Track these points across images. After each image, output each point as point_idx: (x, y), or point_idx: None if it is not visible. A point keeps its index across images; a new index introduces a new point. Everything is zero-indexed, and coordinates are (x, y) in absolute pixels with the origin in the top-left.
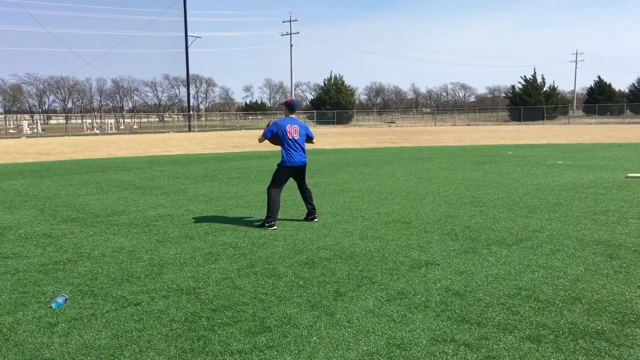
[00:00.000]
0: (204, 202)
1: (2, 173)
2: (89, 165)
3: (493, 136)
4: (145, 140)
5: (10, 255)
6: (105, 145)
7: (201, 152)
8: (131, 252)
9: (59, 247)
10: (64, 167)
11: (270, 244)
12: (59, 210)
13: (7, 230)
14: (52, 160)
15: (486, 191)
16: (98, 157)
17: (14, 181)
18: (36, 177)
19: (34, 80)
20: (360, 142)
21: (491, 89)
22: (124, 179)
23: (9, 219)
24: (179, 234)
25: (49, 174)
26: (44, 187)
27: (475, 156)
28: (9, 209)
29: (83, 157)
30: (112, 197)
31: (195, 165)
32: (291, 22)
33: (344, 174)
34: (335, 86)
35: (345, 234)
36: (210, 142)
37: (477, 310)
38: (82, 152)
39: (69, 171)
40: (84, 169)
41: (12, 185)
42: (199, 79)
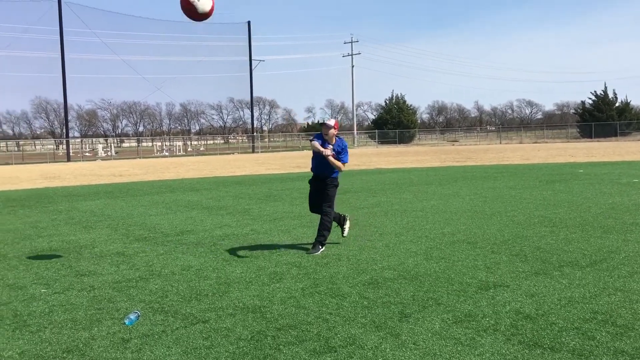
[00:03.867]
0: (268, 221)
1: (79, 194)
2: (158, 186)
3: (562, 154)
4: (211, 161)
5: (86, 272)
6: (174, 167)
7: (264, 172)
8: (199, 271)
9: (131, 265)
10: (135, 188)
11: (333, 264)
12: (131, 229)
13: (84, 248)
14: (124, 182)
15: (556, 211)
16: (167, 179)
17: (90, 202)
18: (110, 198)
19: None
20: (423, 161)
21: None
22: (192, 199)
23: (85, 238)
24: (244, 253)
25: (122, 194)
26: (118, 208)
27: (544, 174)
28: (85, 229)
29: (153, 178)
30: (181, 217)
31: (259, 185)
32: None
33: (407, 194)
34: (397, 105)
35: (409, 254)
36: (273, 162)
37: (550, 334)
38: (153, 173)
39: (140, 192)
40: (154, 190)
41: (88, 205)
42: (262, 101)
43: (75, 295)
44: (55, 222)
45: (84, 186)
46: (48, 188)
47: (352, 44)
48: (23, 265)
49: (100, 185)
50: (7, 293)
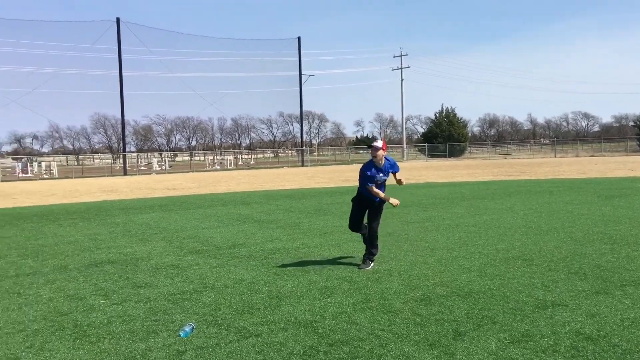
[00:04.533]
0: (318, 235)
1: (135, 207)
2: (211, 200)
3: (621, 167)
4: (261, 175)
5: (142, 284)
6: (226, 180)
7: (314, 186)
8: (251, 284)
9: (185, 278)
10: (189, 201)
11: (385, 279)
12: (185, 242)
13: (140, 260)
14: (178, 195)
15: (617, 227)
16: (219, 192)
17: (145, 215)
18: (165, 211)
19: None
20: (474, 174)
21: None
22: (243, 212)
23: (142, 250)
24: (296, 267)
25: (175, 207)
26: (172, 221)
27: (602, 189)
28: (141, 241)
29: (206, 191)
30: (233, 230)
31: (308, 199)
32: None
33: (459, 208)
34: (447, 119)
35: (462, 271)
36: (322, 176)
37: (613, 357)
38: (205, 187)
39: (193, 205)
40: (207, 203)
41: (143, 218)
42: (311, 115)
43: (133, 306)
44: (113, 235)
45: (139, 199)
46: (106, 201)
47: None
48: (83, 277)
49: (155, 199)
50: (68, 303)
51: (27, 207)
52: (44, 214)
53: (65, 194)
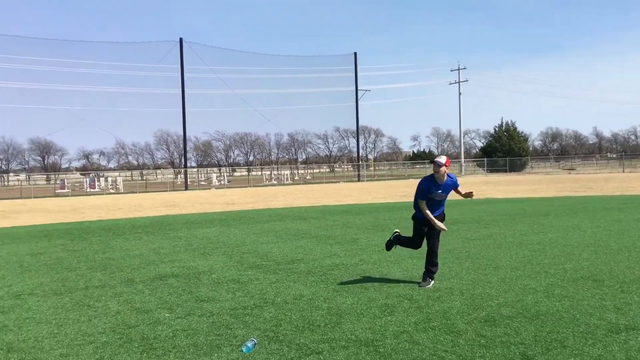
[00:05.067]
0: (376, 252)
1: (196, 221)
2: (268, 215)
3: None
4: (317, 190)
5: (205, 298)
6: (282, 195)
7: (371, 201)
8: (311, 300)
9: (246, 293)
10: (247, 216)
11: (446, 298)
12: (245, 257)
13: (202, 274)
14: (237, 210)
15: None
16: (276, 207)
17: (206, 229)
18: (224, 226)
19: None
20: (536, 190)
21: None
22: (301, 228)
23: (203, 264)
24: (355, 283)
25: (235, 222)
26: (232, 235)
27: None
28: (202, 255)
29: (263, 206)
30: (291, 246)
31: (365, 215)
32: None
33: (521, 225)
34: (507, 132)
35: (527, 291)
36: (379, 191)
37: None
38: (263, 201)
39: (251, 220)
40: (265, 218)
41: (204, 233)
42: (367, 130)
43: (196, 320)
44: (176, 249)
45: (200, 214)
46: (168, 215)
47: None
48: (148, 290)
49: (215, 213)
50: (135, 316)
51: (95, 221)
52: (111, 228)
53: (130, 208)
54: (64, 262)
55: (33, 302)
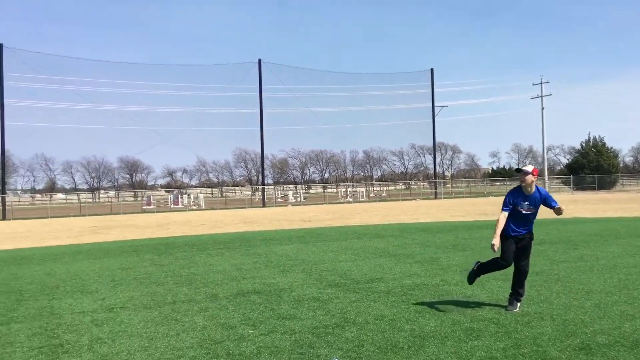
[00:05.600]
0: (458, 272)
1: (275, 238)
2: (345, 232)
3: None
4: (394, 207)
5: (286, 316)
6: (358, 213)
7: (449, 219)
8: (392, 321)
9: (327, 311)
10: (324, 233)
11: (536, 323)
12: (324, 274)
13: (283, 292)
14: (314, 227)
15: None
16: (353, 224)
17: (284, 246)
18: (302, 243)
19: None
20: (629, 209)
21: None
22: (378, 246)
23: (284, 282)
24: (437, 305)
25: (312, 239)
26: (310, 252)
27: None
28: (282, 272)
29: (340, 224)
30: (369, 264)
31: (444, 233)
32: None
33: (614, 247)
34: (595, 148)
35: (625, 318)
36: (457, 209)
37: None
38: (339, 219)
39: (329, 237)
40: (342, 236)
41: (283, 249)
42: (444, 147)
43: (279, 338)
44: (257, 265)
45: (278, 230)
46: (248, 232)
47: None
48: (232, 306)
49: (293, 230)
50: (220, 332)
51: (180, 237)
52: (194, 243)
53: (211, 224)
54: (152, 277)
55: (125, 316)
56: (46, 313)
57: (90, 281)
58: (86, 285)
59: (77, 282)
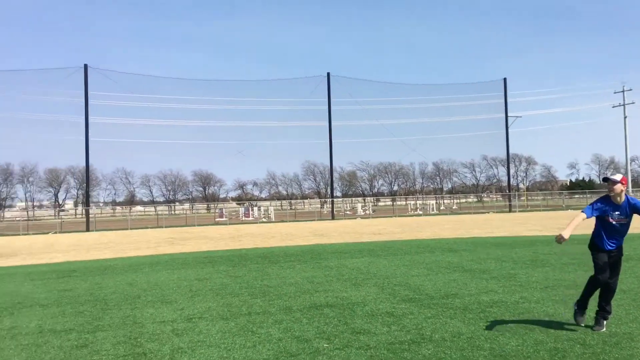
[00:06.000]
0: (538, 289)
1: (345, 251)
2: (416, 246)
3: None
4: (466, 220)
5: (361, 330)
6: (429, 226)
7: (525, 233)
8: (470, 339)
9: (401, 327)
10: (395, 246)
11: (625, 344)
12: (397, 289)
13: (356, 306)
14: (384, 240)
15: None
16: (423, 238)
17: (355, 259)
18: (373, 256)
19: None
20: None
21: None
22: (451, 260)
23: (356, 295)
24: (517, 323)
25: (383, 253)
26: (381, 266)
27: None
28: (354, 286)
29: (410, 237)
30: (443, 279)
31: (521, 248)
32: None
33: None
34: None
35: None
36: (534, 223)
37: None
38: (409, 232)
39: (399, 251)
40: (413, 249)
41: (354, 263)
42: (518, 158)
43: (354, 353)
44: (328, 278)
45: (348, 243)
46: (318, 244)
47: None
48: (306, 319)
49: (363, 243)
50: (296, 345)
51: (252, 249)
52: (266, 256)
53: (282, 236)
54: (227, 288)
55: (203, 326)
56: (129, 322)
57: (169, 291)
58: (166, 295)
59: (157, 292)
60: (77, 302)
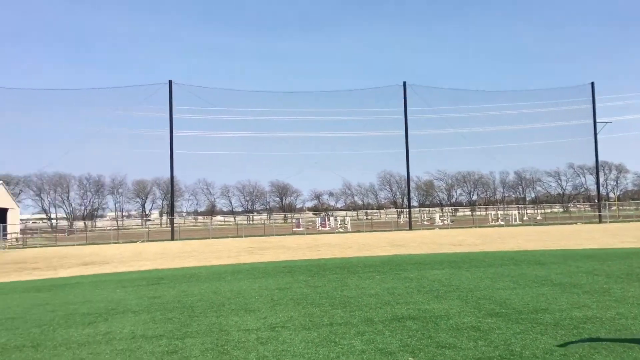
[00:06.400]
0: (636, 305)
1: (425, 262)
2: (500, 258)
3: None
4: (551, 232)
5: (446, 345)
6: (512, 237)
7: (618, 246)
8: (564, 356)
9: (489, 342)
10: (476, 258)
11: None
12: (481, 302)
13: (439, 319)
14: (465, 251)
15: None
16: (507, 249)
17: (436, 271)
18: (454, 268)
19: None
20: None
21: None
22: (539, 273)
23: (439, 308)
24: (614, 342)
25: (465, 264)
26: (463, 278)
27: None
28: (436, 298)
29: (492, 248)
30: (531, 293)
31: (614, 261)
32: None
33: None
34: None
35: None
36: (627, 234)
37: None
38: (490, 243)
39: (482, 263)
40: (496, 261)
41: (435, 274)
42: (607, 166)
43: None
44: (409, 290)
45: (427, 254)
46: (397, 255)
47: None
48: (388, 331)
49: (443, 254)
50: (379, 357)
51: (330, 259)
52: (345, 266)
53: (359, 247)
54: (308, 298)
55: (287, 335)
56: (215, 329)
57: (251, 300)
58: (249, 303)
59: (240, 301)
60: (166, 308)
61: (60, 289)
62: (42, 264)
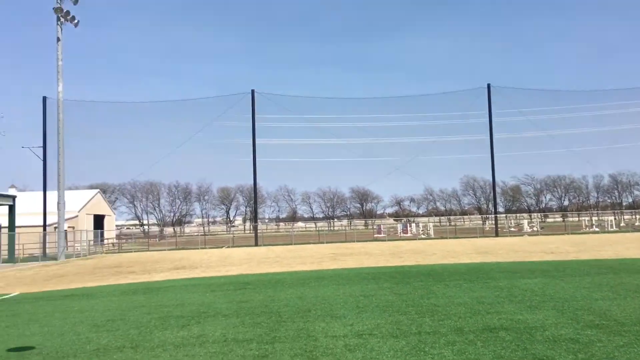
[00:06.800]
0: None
1: (515, 271)
2: (597, 266)
3: None
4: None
5: (543, 357)
6: (610, 244)
7: None
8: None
9: (590, 355)
10: (571, 267)
11: None
12: (579, 313)
13: (534, 330)
14: (557, 260)
15: None
16: (604, 257)
17: (527, 280)
18: (547, 277)
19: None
20: None
21: None
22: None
23: (533, 319)
24: None
25: (558, 273)
26: (558, 288)
27: None
28: (529, 308)
29: (587, 257)
30: (634, 304)
31: None
32: None
33: None
34: None
35: None
36: None
37: None
38: (586, 251)
39: (577, 272)
40: (593, 270)
41: (526, 283)
42: None
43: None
44: (499, 299)
45: (517, 262)
46: (484, 263)
47: None
48: (480, 342)
49: (534, 263)
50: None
51: (414, 266)
52: (429, 273)
53: (443, 254)
54: (394, 305)
55: (374, 343)
56: (303, 335)
57: (337, 306)
58: (334, 310)
59: (326, 307)
60: (254, 313)
61: (154, 292)
62: (137, 268)
